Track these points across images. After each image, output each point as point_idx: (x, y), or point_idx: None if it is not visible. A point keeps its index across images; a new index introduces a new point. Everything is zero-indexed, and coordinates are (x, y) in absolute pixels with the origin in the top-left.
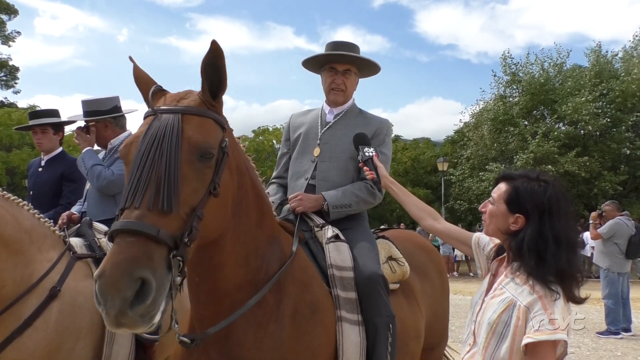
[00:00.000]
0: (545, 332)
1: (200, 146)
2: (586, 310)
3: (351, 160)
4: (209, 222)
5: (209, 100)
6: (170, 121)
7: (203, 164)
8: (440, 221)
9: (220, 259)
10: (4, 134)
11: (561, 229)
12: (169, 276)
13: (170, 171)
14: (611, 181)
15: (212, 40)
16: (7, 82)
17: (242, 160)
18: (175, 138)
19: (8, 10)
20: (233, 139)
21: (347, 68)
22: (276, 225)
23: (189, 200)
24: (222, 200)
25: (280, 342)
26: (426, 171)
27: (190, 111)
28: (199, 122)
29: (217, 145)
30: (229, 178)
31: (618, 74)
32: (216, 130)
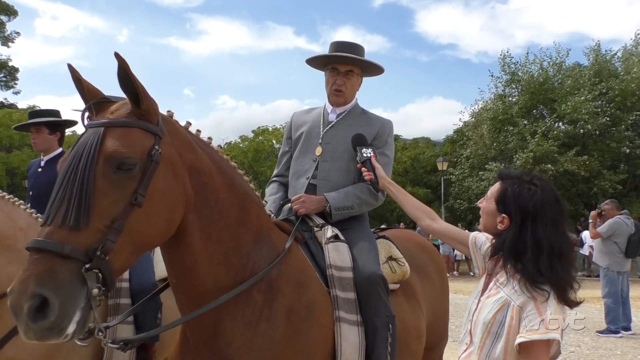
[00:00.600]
0: (537, 332)
1: (116, 158)
2: (586, 309)
3: (353, 160)
4: (142, 230)
5: (137, 110)
6: (92, 135)
7: (122, 175)
8: (437, 221)
9: (191, 259)
10: (4, 135)
11: (545, 236)
12: (83, 289)
13: (82, 186)
14: (611, 180)
15: (115, 52)
16: (7, 83)
17: (202, 161)
18: (92, 152)
19: (8, 11)
20: (181, 141)
21: (349, 69)
22: (266, 223)
23: (107, 213)
24: (154, 207)
25: (273, 342)
26: (426, 171)
27: (114, 123)
28: (122, 133)
29: (141, 155)
30: (170, 182)
31: (617, 73)
32: (142, 139)
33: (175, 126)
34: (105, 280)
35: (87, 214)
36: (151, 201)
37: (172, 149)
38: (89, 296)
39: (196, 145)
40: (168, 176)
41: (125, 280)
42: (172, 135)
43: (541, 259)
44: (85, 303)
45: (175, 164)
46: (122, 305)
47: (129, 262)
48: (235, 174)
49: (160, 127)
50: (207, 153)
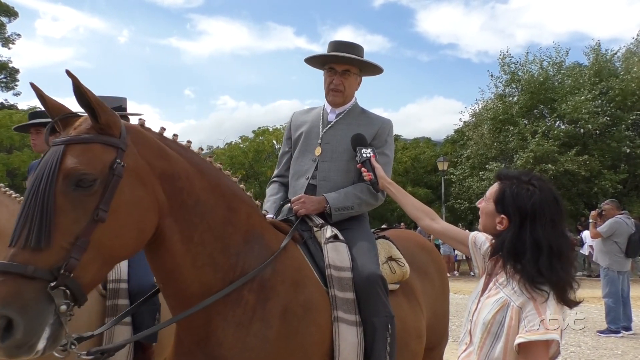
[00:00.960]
0: (537, 332)
1: (73, 175)
2: (586, 309)
3: (352, 160)
4: (109, 244)
5: (97, 125)
6: (53, 154)
7: (82, 192)
8: (437, 221)
9: (173, 262)
10: (5, 136)
11: (544, 236)
12: (50, 307)
13: (42, 206)
14: (611, 180)
15: (65, 70)
16: (7, 84)
17: (176, 166)
18: (52, 171)
19: (8, 12)
20: (149, 150)
21: (346, 68)
22: (258, 223)
23: (69, 231)
24: (121, 220)
25: (267, 342)
26: (426, 170)
27: (74, 140)
28: (81, 150)
29: (101, 170)
30: (138, 192)
31: (618, 73)
32: (103, 154)
33: (142, 135)
34: (74, 296)
35: (48, 234)
36: (117, 214)
37: (139, 158)
38: (57, 313)
39: (170, 151)
40: (135, 187)
41: (124, 282)
42: (138, 144)
43: (541, 259)
44: (54, 319)
45: (142, 174)
46: (120, 306)
47: (101, 274)
48: (220, 175)
49: (123, 139)
50: (185, 157)
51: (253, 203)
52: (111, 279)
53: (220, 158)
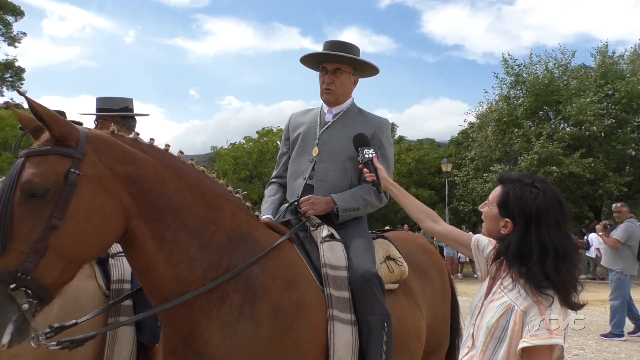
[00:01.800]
0: (540, 337)
1: (27, 187)
2: (590, 312)
3: (350, 160)
4: (69, 247)
5: (53, 137)
6: (15, 167)
7: (37, 201)
8: (440, 223)
9: (146, 259)
10: (10, 135)
11: (549, 238)
12: (13, 306)
13: (2, 216)
14: (616, 182)
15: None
16: (13, 83)
17: (145, 169)
18: (11, 184)
19: (14, 11)
20: (112, 156)
21: (336, 67)
22: (245, 222)
23: (26, 237)
24: (80, 225)
25: (257, 340)
26: (430, 172)
27: (33, 152)
28: (38, 162)
29: (55, 180)
30: (99, 198)
31: (624, 75)
32: (57, 164)
33: (105, 142)
34: (37, 294)
35: (6, 241)
36: (74, 220)
37: (100, 165)
38: (20, 310)
39: (139, 155)
40: (95, 193)
41: (127, 282)
42: (100, 151)
43: (547, 261)
44: (17, 316)
45: (103, 180)
46: (124, 306)
47: (69, 274)
48: (200, 177)
49: (80, 149)
50: (158, 159)
51: (240, 203)
52: (114, 279)
53: (224, 158)
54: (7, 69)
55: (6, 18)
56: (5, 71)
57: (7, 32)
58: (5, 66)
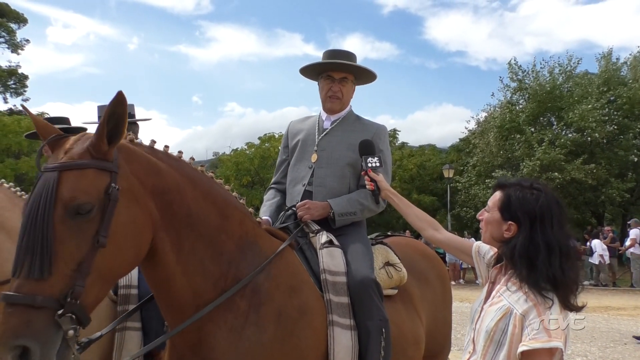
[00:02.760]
0: (540, 340)
1: (72, 205)
2: (593, 318)
3: (348, 166)
4: (110, 266)
5: (95, 147)
6: (48, 182)
7: (81, 220)
8: (441, 231)
9: (166, 272)
10: (13, 142)
11: (554, 237)
12: (59, 334)
13: (43, 236)
14: (618, 188)
15: (119, 91)
16: (16, 90)
17: (167, 179)
18: (49, 201)
19: (17, 19)
20: (140, 167)
21: (343, 76)
22: (251, 229)
23: (71, 258)
24: (120, 242)
25: (261, 345)
26: (432, 178)
27: (68, 166)
28: (76, 176)
29: (97, 196)
30: (134, 212)
31: (626, 81)
32: (97, 179)
33: (133, 153)
34: (79, 319)
35: (50, 263)
36: (115, 237)
37: (132, 178)
38: (65, 338)
39: (160, 165)
40: (130, 207)
41: (134, 287)
42: (130, 163)
43: (553, 260)
44: (61, 345)
45: (136, 193)
46: (131, 328)
47: (103, 294)
48: (212, 184)
49: (115, 161)
50: (176, 169)
51: (246, 210)
52: (122, 285)
53: (226, 164)
54: (10, 76)
55: (9, 25)
56: (8, 78)
57: (10, 39)
58: (9, 73)
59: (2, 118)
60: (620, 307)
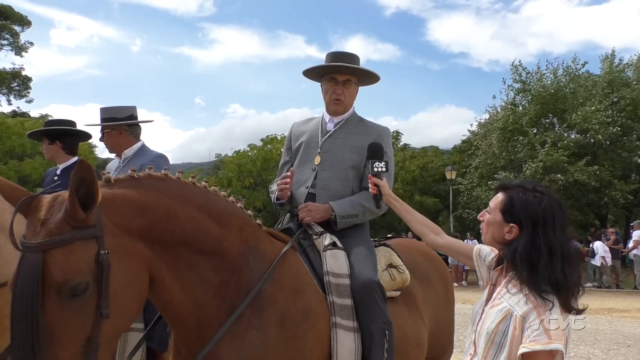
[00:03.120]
0: (540, 342)
1: (66, 288)
2: (596, 320)
3: (351, 168)
4: (118, 325)
5: (73, 218)
6: (31, 264)
7: (79, 299)
8: (442, 236)
9: (166, 292)
10: (17, 143)
11: (556, 240)
12: None
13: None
14: (622, 190)
15: (80, 159)
16: (20, 92)
17: (152, 212)
18: (37, 287)
19: (21, 21)
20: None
21: (346, 79)
22: (251, 234)
23: (79, 338)
24: (122, 301)
25: (264, 348)
26: (434, 180)
27: (51, 245)
28: (63, 254)
29: (89, 270)
30: (128, 265)
31: (629, 82)
32: (85, 252)
33: (111, 203)
34: None
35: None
36: (117, 301)
37: (117, 231)
38: None
39: (144, 197)
40: (122, 262)
41: None
42: (111, 215)
43: (555, 264)
44: None
45: (125, 245)
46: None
47: (113, 350)
48: (205, 195)
49: (98, 223)
50: (162, 191)
51: (245, 215)
52: None
53: (229, 166)
54: (14, 78)
55: (13, 28)
56: (12, 80)
57: (14, 41)
58: (12, 75)
59: (5, 120)
60: (624, 309)
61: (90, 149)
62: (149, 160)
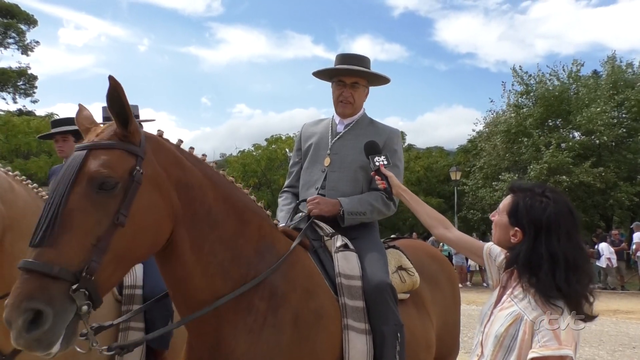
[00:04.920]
0: (550, 347)
1: (97, 178)
2: (601, 322)
3: (361, 170)
4: (127, 247)
5: (121, 132)
6: (77, 158)
7: (104, 195)
8: (452, 230)
9: (184, 270)
10: (23, 142)
11: (560, 248)
12: (72, 307)
13: (66, 207)
14: (627, 192)
15: (109, 75)
16: (25, 91)
17: (191, 176)
18: (74, 174)
19: (28, 20)
20: (166, 158)
21: (355, 81)
22: (269, 233)
23: (91, 232)
24: (139, 225)
25: (279, 348)
26: (439, 180)
27: (97, 145)
28: (104, 154)
29: (122, 175)
30: (155, 199)
31: (634, 83)
32: (124, 160)
33: (160, 144)
34: (91, 297)
35: (70, 235)
36: (135, 219)
37: (157, 166)
38: (78, 313)
39: (185, 161)
40: (152, 193)
41: (138, 287)
42: (156, 152)
43: (557, 272)
44: (71, 321)
45: (159, 181)
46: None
47: (115, 277)
48: (232, 188)
49: (142, 148)
50: (199, 168)
51: (264, 213)
52: (127, 285)
53: (233, 165)
54: (20, 77)
55: (19, 26)
56: (18, 79)
57: (20, 40)
58: (18, 74)
59: (11, 118)
60: (629, 310)
61: None
62: None
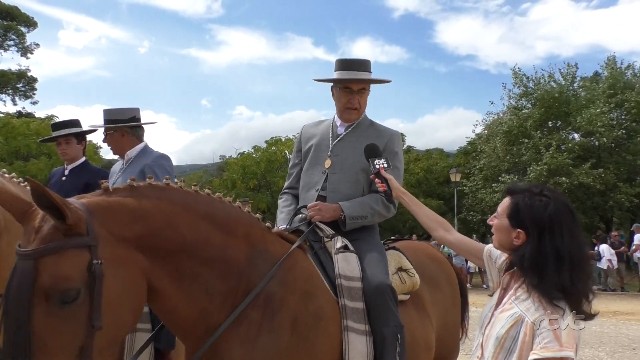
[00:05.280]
0: (551, 349)
1: (55, 294)
2: (601, 323)
3: (362, 172)
4: (112, 335)
5: (62, 227)
6: (25, 273)
7: (70, 307)
8: (452, 232)
9: (169, 303)
10: (22, 144)
11: (564, 246)
12: None
13: (31, 335)
14: (627, 193)
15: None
16: (25, 93)
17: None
18: (29, 294)
19: (27, 22)
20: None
21: (362, 87)
22: (259, 238)
23: (70, 347)
24: (116, 311)
25: (277, 352)
26: (439, 182)
27: (43, 252)
28: (53, 262)
29: (81, 278)
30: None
31: (633, 85)
32: (77, 260)
33: (106, 210)
34: None
35: (48, 358)
36: (110, 312)
37: (112, 240)
38: None
39: (143, 204)
40: (118, 272)
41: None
42: (106, 224)
43: (562, 270)
44: None
45: (121, 255)
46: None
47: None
48: (209, 203)
49: (92, 234)
50: (163, 199)
51: (251, 219)
52: None
53: (233, 168)
54: (19, 79)
55: (19, 29)
56: (17, 81)
57: (20, 42)
58: (18, 76)
59: (11, 120)
60: (629, 311)
61: (95, 150)
62: (151, 161)
